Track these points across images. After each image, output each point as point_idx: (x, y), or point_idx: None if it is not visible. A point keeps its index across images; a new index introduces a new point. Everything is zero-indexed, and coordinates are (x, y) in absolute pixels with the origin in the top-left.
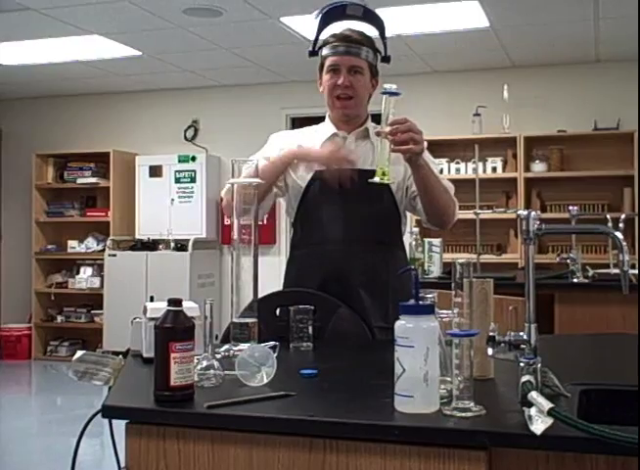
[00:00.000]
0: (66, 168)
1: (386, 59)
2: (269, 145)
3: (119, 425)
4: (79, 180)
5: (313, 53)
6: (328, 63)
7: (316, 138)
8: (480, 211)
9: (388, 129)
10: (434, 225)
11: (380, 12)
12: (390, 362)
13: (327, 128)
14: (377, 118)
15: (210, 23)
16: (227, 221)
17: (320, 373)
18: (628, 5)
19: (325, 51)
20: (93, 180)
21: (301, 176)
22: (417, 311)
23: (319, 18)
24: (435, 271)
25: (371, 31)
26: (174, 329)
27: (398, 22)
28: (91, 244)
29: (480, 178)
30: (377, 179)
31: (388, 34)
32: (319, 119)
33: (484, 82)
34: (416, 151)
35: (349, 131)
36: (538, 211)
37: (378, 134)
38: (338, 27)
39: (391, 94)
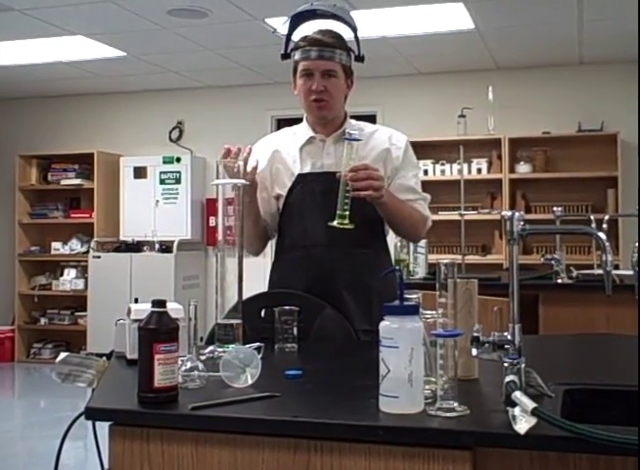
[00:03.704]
0: (49, 170)
1: (359, 58)
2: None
3: (103, 427)
4: (63, 181)
5: (286, 56)
6: (301, 67)
7: (294, 141)
8: (464, 213)
9: (348, 175)
10: (403, 239)
11: (365, 13)
12: (375, 363)
13: (305, 132)
14: (357, 119)
15: (195, 25)
16: (212, 223)
17: (305, 374)
18: (612, 7)
19: (297, 55)
20: (77, 181)
21: (284, 183)
22: (401, 312)
23: (288, 20)
24: (420, 272)
25: (343, 31)
26: (158, 330)
27: (384, 23)
28: (75, 245)
29: (465, 179)
30: (335, 223)
31: (373, 36)
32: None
33: (469, 84)
34: (374, 196)
35: (327, 134)
36: (522, 212)
37: (338, 178)
38: (309, 29)
39: (352, 140)
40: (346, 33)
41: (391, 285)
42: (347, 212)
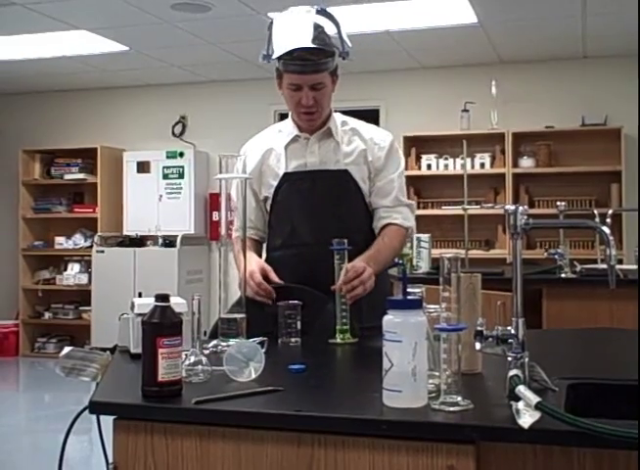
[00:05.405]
0: (52, 164)
1: (344, 54)
2: (247, 158)
3: (107, 421)
4: (66, 176)
5: (267, 56)
6: (287, 80)
7: (280, 139)
8: (468, 207)
9: (343, 288)
10: None
11: (368, 8)
12: (378, 357)
13: (290, 130)
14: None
15: (198, 19)
16: (215, 217)
17: (308, 368)
18: (615, 2)
19: (282, 66)
20: (80, 176)
21: (270, 184)
22: (405, 306)
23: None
24: (424, 267)
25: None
26: (162, 324)
27: (387, 17)
28: (79, 240)
29: (469, 174)
30: (338, 340)
31: (376, 30)
32: None
33: (473, 78)
34: (368, 292)
35: (312, 132)
36: (526, 207)
37: (334, 291)
38: (292, 26)
39: (340, 250)
40: (331, 28)
41: (381, 284)
42: (348, 326)
